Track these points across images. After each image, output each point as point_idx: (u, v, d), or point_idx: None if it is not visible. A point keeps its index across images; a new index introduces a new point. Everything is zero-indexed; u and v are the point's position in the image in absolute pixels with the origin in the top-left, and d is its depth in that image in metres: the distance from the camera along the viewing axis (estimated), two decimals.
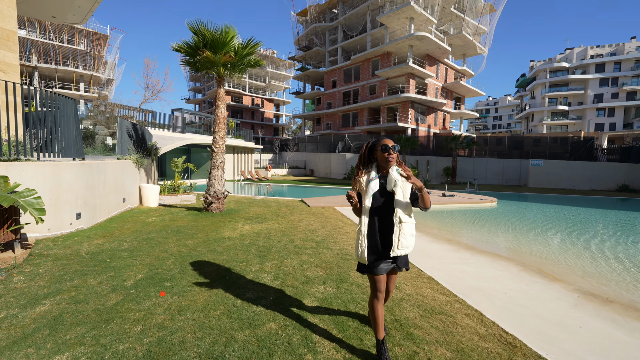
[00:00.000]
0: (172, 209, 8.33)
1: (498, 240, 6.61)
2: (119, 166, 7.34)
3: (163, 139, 15.60)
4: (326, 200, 10.60)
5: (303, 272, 3.63)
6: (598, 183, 18.68)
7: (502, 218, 9.50)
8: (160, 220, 6.47)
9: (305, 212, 8.17)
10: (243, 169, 23.91)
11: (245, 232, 5.57)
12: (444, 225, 8.07)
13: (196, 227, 5.89)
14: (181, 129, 21.27)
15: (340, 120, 36.18)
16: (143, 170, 9.61)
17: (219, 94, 7.59)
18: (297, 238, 5.28)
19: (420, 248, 5.27)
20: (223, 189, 7.78)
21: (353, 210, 2.15)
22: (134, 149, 8.85)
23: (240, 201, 10.25)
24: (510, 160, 22.13)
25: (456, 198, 12.32)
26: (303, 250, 4.58)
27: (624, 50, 50.91)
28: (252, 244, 4.80)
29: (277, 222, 6.62)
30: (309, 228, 6.17)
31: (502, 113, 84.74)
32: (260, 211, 8.12)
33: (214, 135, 7.60)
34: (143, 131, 10.36)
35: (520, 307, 3.07)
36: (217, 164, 7.64)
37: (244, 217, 7.19)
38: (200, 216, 7.10)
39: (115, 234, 5.24)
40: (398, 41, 27.68)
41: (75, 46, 37.84)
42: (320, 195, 15.61)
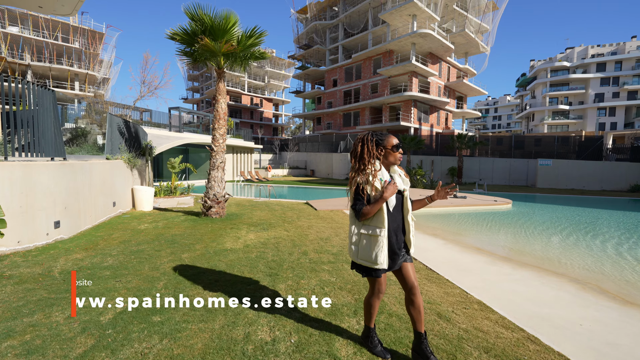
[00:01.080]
0: (168, 213, 7.61)
1: (532, 249, 5.94)
2: (108, 167, 6.62)
3: (159, 138, 14.86)
4: (334, 203, 9.91)
5: (326, 297, 2.94)
6: (609, 183, 18.11)
7: (524, 222, 8.84)
8: (153, 228, 5.75)
9: (313, 217, 7.48)
10: (242, 170, 23.18)
11: (250, 242, 4.86)
12: (464, 230, 7.40)
13: (194, 236, 5.17)
14: (179, 128, 20.55)
15: (341, 120, 35.51)
16: (136, 171, 8.88)
17: (219, 87, 6.88)
18: (311, 249, 4.58)
19: (452, 260, 4.60)
20: (223, 191, 7.07)
21: (359, 214, 1.93)
22: (126, 148, 8.12)
23: (241, 204, 9.54)
24: (517, 160, 21.53)
25: (468, 199, 11.67)
26: (320, 265, 3.88)
27: (625, 49, 50.61)
28: (260, 258, 4.09)
29: (285, 229, 5.91)
30: (321, 236, 5.47)
31: (502, 113, 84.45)
32: (265, 216, 7.42)
33: (214, 132, 6.89)
34: (137, 129, 9.63)
35: (611, 346, 2.39)
36: (217, 165, 6.93)
37: (247, 222, 6.48)
38: (199, 222, 6.38)
39: (100, 245, 4.52)
40: (401, 39, 27.05)
41: (70, 44, 36.95)
42: (325, 196, 14.92)
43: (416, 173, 17.21)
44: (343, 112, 35.08)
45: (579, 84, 51.43)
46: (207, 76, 53.72)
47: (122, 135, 7.99)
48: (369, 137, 1.99)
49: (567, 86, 52.25)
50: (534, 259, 5.19)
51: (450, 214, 9.64)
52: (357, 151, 1.98)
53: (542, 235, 7.08)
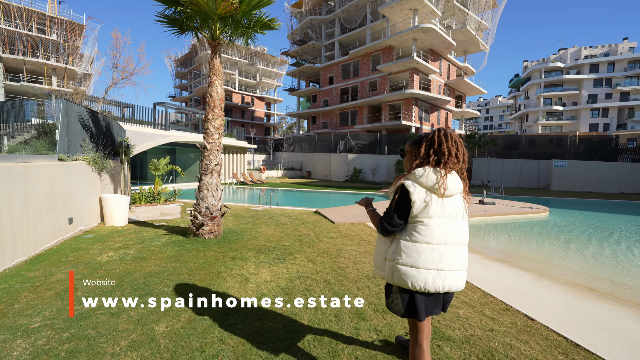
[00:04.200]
0: (147, 229, 5.84)
1: (612, 275, 4.47)
2: (61, 171, 4.84)
3: (141, 136, 12.96)
4: (350, 213, 8.29)
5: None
6: (628, 186, 17.11)
7: (577, 234, 7.43)
8: (119, 260, 4.01)
9: (334, 233, 5.85)
10: (235, 171, 21.34)
11: (266, 290, 3.18)
12: (515, 248, 5.91)
13: (178, 277, 3.47)
14: (165, 126, 18.61)
15: (337, 119, 33.98)
16: (107, 175, 7.07)
17: (214, 65, 5.19)
18: (367, 304, 2.91)
19: (522, 289, 3.17)
20: (220, 203, 5.37)
21: None
22: (92, 147, 6.32)
23: (239, 215, 7.83)
24: (528, 160, 20.42)
25: (498, 206, 10.25)
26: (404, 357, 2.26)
27: (617, 50, 50.97)
28: (292, 332, 2.43)
29: (308, 258, 4.26)
30: (364, 270, 3.85)
31: (493, 114, 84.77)
32: (273, 234, 5.74)
33: (206, 125, 5.19)
34: (108, 123, 7.81)
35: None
36: (211, 167, 5.23)
37: (253, 247, 4.80)
38: (187, 247, 4.66)
39: (21, 302, 2.79)
40: (402, 34, 25.72)
41: (47, 36, 34.28)
42: (329, 201, 13.31)
43: None
44: (340, 110, 33.57)
45: (572, 84, 51.48)
46: (196, 73, 51.42)
47: (86, 129, 6.19)
48: (441, 134, 1.66)
49: (561, 87, 52.29)
50: (624, 290, 3.70)
51: (481, 225, 8.17)
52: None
53: (609, 253, 5.65)
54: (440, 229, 1.56)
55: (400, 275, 1.58)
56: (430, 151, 1.62)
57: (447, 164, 1.60)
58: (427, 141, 1.65)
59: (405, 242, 1.59)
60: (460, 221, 1.63)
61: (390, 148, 23.94)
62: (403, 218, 1.60)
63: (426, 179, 1.57)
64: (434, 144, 1.62)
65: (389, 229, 1.60)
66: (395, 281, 1.61)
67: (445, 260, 1.56)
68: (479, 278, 3.72)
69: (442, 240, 1.56)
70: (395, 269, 1.60)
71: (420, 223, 1.56)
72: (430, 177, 1.57)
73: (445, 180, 1.57)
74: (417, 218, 1.57)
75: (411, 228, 1.58)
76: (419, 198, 1.56)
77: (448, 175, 1.59)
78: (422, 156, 1.64)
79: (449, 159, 1.60)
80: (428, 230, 1.55)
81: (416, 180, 1.59)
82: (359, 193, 15.42)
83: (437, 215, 1.56)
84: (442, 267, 1.55)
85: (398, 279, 1.59)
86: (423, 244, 1.56)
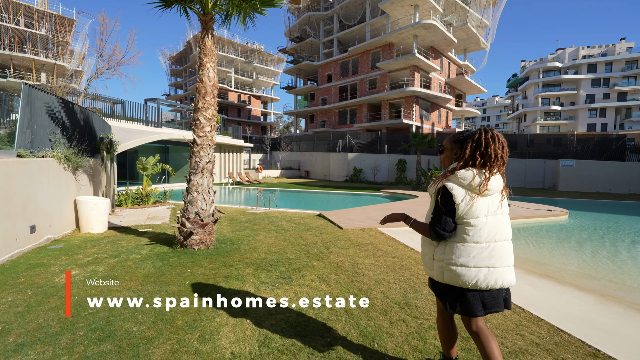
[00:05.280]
0: (127, 238, 5.02)
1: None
2: (19, 169, 4.01)
3: (130, 132, 12.09)
4: (358, 216, 7.52)
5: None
6: (637, 186, 16.58)
7: (613, 241, 6.75)
8: (83, 280, 3.19)
9: (344, 242, 5.08)
10: (231, 171, 20.48)
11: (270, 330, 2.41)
12: (550, 258, 5.19)
13: (153, 312, 2.67)
14: (157, 124, 17.71)
15: (336, 117, 33.23)
16: (84, 175, 6.23)
17: (205, 45, 4.39)
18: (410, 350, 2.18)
19: (593, 318, 2.42)
20: (212, 207, 4.57)
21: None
22: (65, 142, 5.48)
23: (235, 219, 7.02)
24: (533, 160, 19.84)
25: (514, 209, 9.56)
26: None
27: (615, 51, 50.95)
28: None
29: (320, 276, 3.48)
30: (394, 296, 3.09)
31: (490, 114, 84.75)
32: (274, 243, 4.95)
33: (196, 115, 4.39)
34: (88, 116, 6.95)
35: None
36: (202, 166, 4.43)
37: (251, 261, 4.01)
38: (171, 262, 3.86)
39: None
40: (402, 30, 25.04)
41: (35, 30, 33.09)
42: (331, 202, 12.53)
43: (433, 175, 15.10)
44: (338, 109, 32.83)
45: (570, 84, 51.36)
46: (191, 71, 50.33)
47: (57, 121, 5.34)
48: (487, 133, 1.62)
49: (559, 87, 52.16)
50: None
51: None
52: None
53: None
54: (488, 227, 1.55)
55: (450, 275, 1.58)
56: (477, 153, 1.57)
57: (492, 167, 1.56)
58: (473, 142, 1.59)
59: (453, 243, 1.58)
60: (504, 216, 1.61)
61: (391, 147, 23.25)
62: (453, 221, 1.57)
63: (470, 181, 1.54)
64: (480, 145, 1.57)
65: (444, 234, 1.57)
66: (445, 280, 1.60)
67: (495, 257, 1.55)
68: (532, 302, 2.99)
69: (491, 237, 1.55)
70: (445, 269, 1.60)
71: (467, 224, 1.54)
72: (475, 180, 1.54)
73: (487, 183, 1.53)
74: (463, 219, 1.55)
75: (459, 229, 1.57)
76: (462, 200, 1.53)
77: (491, 177, 1.55)
78: (466, 157, 1.59)
79: (494, 162, 1.56)
80: (475, 230, 1.54)
81: (458, 182, 1.56)
82: (361, 193, 14.67)
83: (484, 214, 1.54)
84: (492, 264, 1.54)
85: (449, 278, 1.59)
86: (472, 243, 1.54)
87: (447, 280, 1.58)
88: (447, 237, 1.56)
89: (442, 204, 1.55)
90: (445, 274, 1.58)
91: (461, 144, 1.63)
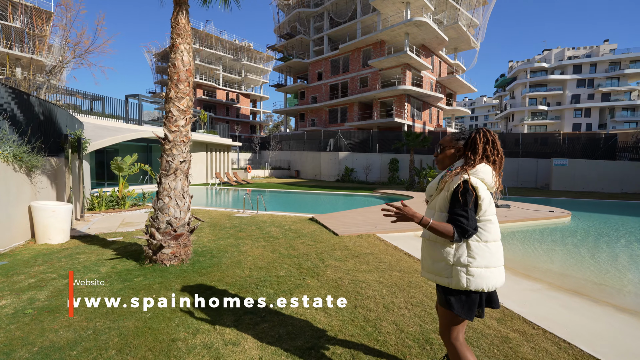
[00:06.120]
0: (88, 251, 4.29)
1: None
2: None
3: (106, 130, 11.19)
4: (353, 220, 6.93)
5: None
6: (630, 185, 16.59)
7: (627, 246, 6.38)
8: (12, 315, 2.47)
9: (341, 252, 4.48)
10: (218, 171, 19.64)
11: None
12: (569, 268, 4.72)
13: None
14: (138, 121, 16.74)
15: (327, 116, 32.65)
16: (44, 177, 5.44)
17: (179, 23, 3.71)
18: None
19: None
20: (187, 215, 3.89)
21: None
22: (17, 139, 4.70)
23: (219, 224, 6.33)
24: (525, 159, 19.72)
25: (514, 210, 9.17)
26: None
27: (599, 52, 52.10)
28: None
29: (316, 302, 2.86)
30: (407, 327, 2.50)
31: (478, 113, 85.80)
32: (262, 255, 4.30)
33: (168, 105, 3.71)
34: (50, 111, 6.12)
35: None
36: (175, 166, 3.75)
37: (232, 280, 3.36)
38: (134, 284, 3.17)
39: None
40: (394, 27, 24.64)
41: (9, 22, 31.35)
42: (324, 204, 11.92)
43: (427, 175, 14.68)
44: (329, 107, 32.26)
45: (556, 85, 52.27)
46: None
47: (4, 114, 4.55)
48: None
49: (546, 87, 53.05)
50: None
51: (506, 233, 7.00)
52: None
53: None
54: (497, 225, 1.54)
55: (475, 280, 1.45)
56: (488, 150, 1.54)
57: (497, 163, 1.56)
58: (482, 138, 1.55)
59: (476, 243, 1.48)
60: None
61: (383, 146, 22.81)
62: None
63: (490, 176, 1.51)
64: (489, 142, 1.55)
65: (471, 231, 1.46)
66: (470, 286, 1.45)
67: (502, 255, 1.54)
68: (573, 330, 2.45)
69: (499, 235, 1.54)
70: (469, 274, 1.46)
71: (488, 221, 1.50)
72: (492, 175, 1.52)
73: (500, 179, 1.55)
74: (485, 216, 1.49)
75: (480, 227, 1.50)
76: (486, 195, 1.49)
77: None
78: (480, 153, 1.52)
79: (501, 159, 1.56)
80: (494, 227, 1.51)
81: (479, 176, 1.49)
82: (353, 194, 14.13)
83: (494, 211, 1.54)
84: (502, 263, 1.53)
85: (474, 284, 1.45)
86: (492, 242, 1.50)
87: (473, 287, 1.45)
88: (472, 234, 1.47)
89: (466, 200, 1.44)
90: (469, 279, 1.45)
91: (465, 141, 1.60)
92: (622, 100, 48.44)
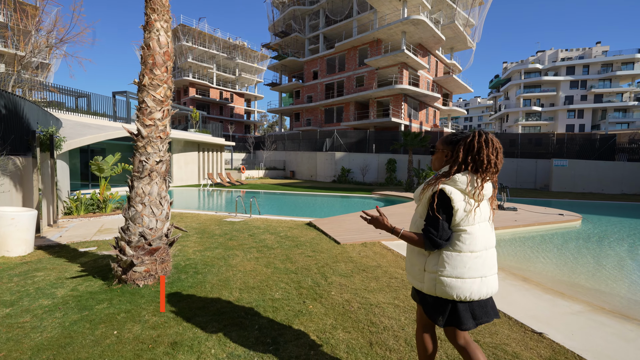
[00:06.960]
0: (49, 266, 3.64)
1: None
2: None
3: (87, 127, 10.46)
4: (355, 225, 6.36)
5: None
6: (630, 186, 16.35)
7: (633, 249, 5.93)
8: None
9: (345, 265, 3.91)
10: (211, 171, 18.93)
11: None
12: (597, 281, 4.22)
13: None
14: (126, 119, 16.03)
15: (322, 116, 32.09)
16: (7, 178, 4.77)
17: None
18: None
19: None
20: (165, 224, 3.28)
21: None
22: None
23: (207, 231, 5.70)
24: (525, 160, 19.41)
25: (521, 213, 8.72)
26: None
27: (592, 54, 52.58)
28: None
29: (321, 337, 2.26)
30: None
31: (473, 114, 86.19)
32: (254, 270, 3.71)
33: (141, 95, 3.10)
34: (15, 105, 5.44)
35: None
36: (149, 167, 3.14)
37: (218, 307, 2.76)
38: (93, 314, 2.55)
39: None
40: (391, 26, 24.20)
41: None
42: (317, 206, 11.32)
43: (427, 176, 14.21)
44: (325, 107, 31.70)
45: (550, 86, 52.58)
46: None
47: None
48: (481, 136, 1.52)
49: (540, 88, 53.33)
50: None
51: (516, 238, 6.51)
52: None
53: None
54: (481, 235, 1.47)
55: (444, 288, 1.44)
56: (469, 158, 1.45)
57: (485, 173, 1.45)
58: (465, 145, 1.46)
59: (448, 253, 1.45)
60: (490, 223, 1.54)
61: (380, 146, 22.33)
62: (449, 227, 1.45)
63: (466, 185, 1.44)
64: (472, 149, 1.45)
65: (441, 243, 1.43)
66: (438, 293, 1.46)
67: (487, 266, 1.47)
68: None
69: (483, 246, 1.47)
70: (438, 281, 1.46)
71: (464, 232, 1.44)
72: (471, 184, 1.44)
73: (482, 190, 1.45)
74: (459, 227, 1.44)
75: (454, 237, 1.45)
76: (461, 205, 1.43)
77: (484, 184, 1.48)
78: (459, 161, 1.47)
79: (487, 168, 1.44)
80: (472, 238, 1.45)
81: (456, 186, 1.44)
82: (351, 195, 13.58)
83: (477, 220, 1.46)
84: (484, 274, 1.46)
85: (441, 291, 1.45)
86: (467, 252, 1.45)
87: (440, 294, 1.45)
88: (443, 245, 1.44)
89: (439, 210, 1.42)
90: (437, 286, 1.45)
91: (453, 146, 1.53)
92: (614, 101, 48.88)
